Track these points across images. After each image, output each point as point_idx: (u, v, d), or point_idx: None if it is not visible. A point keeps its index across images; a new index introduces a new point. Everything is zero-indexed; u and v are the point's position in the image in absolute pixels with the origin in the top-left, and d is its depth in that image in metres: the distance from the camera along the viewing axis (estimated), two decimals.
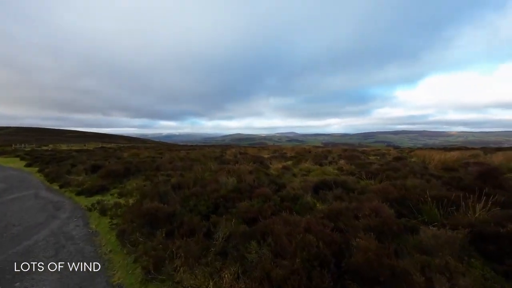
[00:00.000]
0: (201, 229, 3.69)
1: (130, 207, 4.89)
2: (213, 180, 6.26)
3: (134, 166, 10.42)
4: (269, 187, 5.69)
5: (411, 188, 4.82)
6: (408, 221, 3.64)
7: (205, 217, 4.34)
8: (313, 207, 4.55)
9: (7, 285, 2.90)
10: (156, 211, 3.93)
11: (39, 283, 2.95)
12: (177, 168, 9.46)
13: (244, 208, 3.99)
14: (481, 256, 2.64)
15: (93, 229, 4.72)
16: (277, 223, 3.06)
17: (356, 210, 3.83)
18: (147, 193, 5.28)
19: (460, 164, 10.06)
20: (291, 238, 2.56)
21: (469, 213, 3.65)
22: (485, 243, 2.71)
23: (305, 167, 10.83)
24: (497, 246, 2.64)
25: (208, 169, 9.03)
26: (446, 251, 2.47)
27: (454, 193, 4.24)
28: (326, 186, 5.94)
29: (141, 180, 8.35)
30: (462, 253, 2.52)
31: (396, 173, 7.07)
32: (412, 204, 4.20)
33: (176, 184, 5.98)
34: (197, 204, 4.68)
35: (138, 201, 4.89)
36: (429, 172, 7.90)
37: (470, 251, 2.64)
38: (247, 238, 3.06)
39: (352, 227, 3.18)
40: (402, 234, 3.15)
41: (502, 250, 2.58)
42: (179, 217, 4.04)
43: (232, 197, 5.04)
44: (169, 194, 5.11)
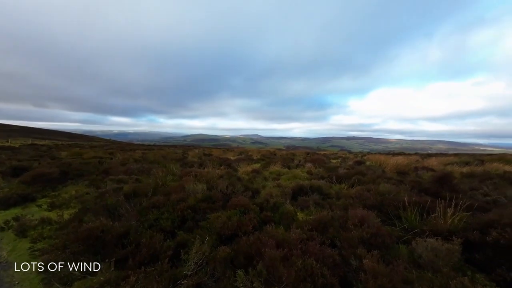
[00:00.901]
0: (165, 253, 2.90)
1: (64, 225, 3.69)
2: (178, 186, 5.37)
3: (75, 169, 8.55)
4: (244, 194, 5.13)
5: (386, 194, 4.90)
6: (393, 229, 3.55)
7: (170, 234, 3.53)
8: (294, 217, 4.17)
9: None
10: (101, 232, 2.96)
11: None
12: (131, 172, 8.07)
13: (220, 223, 3.34)
14: (470, 266, 2.61)
15: (4, 258, 3.40)
16: (265, 243, 2.53)
17: (343, 220, 3.60)
18: (89, 206, 4.11)
19: (410, 168, 11.27)
20: (288, 264, 2.07)
21: (441, 219, 3.77)
22: (472, 253, 2.69)
23: (275, 170, 10.61)
24: (483, 254, 2.64)
25: (171, 173, 7.95)
26: (446, 264, 2.33)
27: (426, 198, 4.41)
28: (303, 192, 5.70)
29: (83, 186, 6.79)
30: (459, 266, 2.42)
31: (364, 177, 7.33)
32: (390, 211, 4.20)
33: (130, 192, 4.90)
34: (159, 218, 3.81)
35: (76, 217, 3.74)
36: (388, 176, 8.50)
37: (462, 262, 2.58)
38: (228, 263, 2.44)
39: (345, 240, 2.87)
40: (393, 245, 2.99)
41: (488, 259, 2.59)
42: (134, 238, 3.14)
43: (203, 208, 4.31)
44: (121, 206, 4.07)
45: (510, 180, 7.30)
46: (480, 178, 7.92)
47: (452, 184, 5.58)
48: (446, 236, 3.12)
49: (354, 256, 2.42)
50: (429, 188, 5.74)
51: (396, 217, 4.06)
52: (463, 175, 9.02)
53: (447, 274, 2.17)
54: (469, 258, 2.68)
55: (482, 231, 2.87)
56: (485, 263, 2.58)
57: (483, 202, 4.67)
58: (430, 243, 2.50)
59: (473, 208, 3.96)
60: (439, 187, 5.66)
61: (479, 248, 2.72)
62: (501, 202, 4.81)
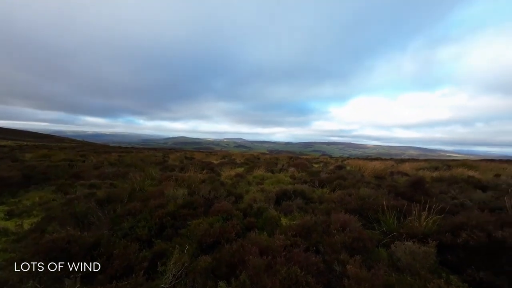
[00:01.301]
0: (140, 264, 2.68)
1: (23, 237, 3.29)
2: (157, 192, 5.10)
3: (40, 173, 7.79)
4: (227, 199, 5.00)
5: (366, 198, 5.05)
6: (373, 232, 3.65)
7: (147, 243, 3.30)
8: (278, 222, 4.13)
9: None
10: (67, 244, 2.67)
11: None
12: (106, 176, 7.54)
13: (201, 230, 3.18)
14: (444, 268, 2.74)
15: None
16: (248, 251, 2.44)
17: (325, 224, 3.62)
18: (55, 214, 3.72)
19: (386, 173, 11.86)
20: (272, 273, 2.00)
21: (417, 222, 3.95)
22: (445, 254, 2.83)
23: (259, 174, 10.58)
24: (455, 256, 2.78)
25: (149, 177, 7.56)
26: (423, 267, 2.41)
27: (402, 202, 4.61)
28: (286, 196, 5.70)
29: (49, 192, 6.19)
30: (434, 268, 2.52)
31: (345, 182, 7.54)
32: (370, 214, 4.33)
33: (104, 198, 4.54)
34: (135, 226, 3.56)
35: (38, 227, 3.35)
36: (366, 180, 8.84)
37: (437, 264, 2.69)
38: (209, 274, 2.31)
39: (328, 245, 2.87)
40: (373, 249, 3.05)
41: (460, 260, 2.73)
42: (106, 249, 2.88)
43: (183, 214, 4.11)
44: (92, 213, 3.74)
45: (474, 184, 7.95)
46: (448, 182, 8.54)
47: (425, 188, 5.93)
48: (421, 238, 3.26)
49: (337, 261, 2.42)
50: (405, 192, 6.04)
51: (375, 220, 4.19)
52: (433, 179, 9.67)
53: (424, 276, 2.25)
54: (443, 260, 2.81)
55: (453, 233, 3.04)
56: (457, 264, 2.72)
57: (452, 205, 5.00)
58: (408, 247, 2.59)
59: (444, 211, 4.21)
60: (413, 191, 5.98)
61: (451, 249, 2.87)
62: (467, 205, 5.18)
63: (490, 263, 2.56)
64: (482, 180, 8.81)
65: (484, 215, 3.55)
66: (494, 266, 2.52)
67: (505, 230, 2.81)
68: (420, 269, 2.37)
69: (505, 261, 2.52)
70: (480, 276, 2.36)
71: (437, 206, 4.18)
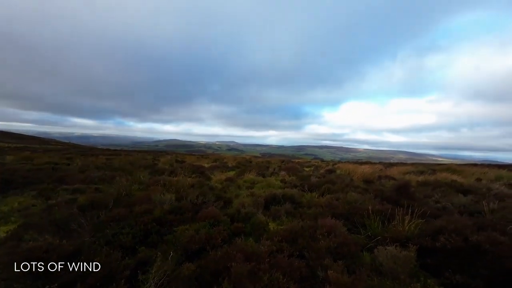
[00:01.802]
0: (122, 273, 2.62)
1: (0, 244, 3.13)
2: (143, 197, 5.00)
3: (21, 177, 7.47)
4: (215, 204, 4.96)
5: (353, 202, 5.14)
6: (359, 237, 3.71)
7: (131, 251, 3.22)
8: (266, 227, 4.13)
9: None
10: (45, 253, 2.57)
11: None
12: (91, 180, 7.32)
13: (186, 236, 3.14)
14: (424, 271, 2.82)
15: None
16: (233, 257, 2.43)
17: (312, 229, 3.65)
18: (33, 221, 3.57)
19: (374, 177, 12.12)
20: (255, 280, 2.00)
21: (400, 226, 4.06)
22: (424, 258, 2.92)
23: (250, 178, 10.56)
24: (434, 259, 2.87)
25: (137, 181, 7.40)
26: (403, 271, 2.47)
27: (387, 206, 4.72)
28: (275, 201, 5.72)
29: (30, 197, 5.94)
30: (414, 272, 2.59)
31: (334, 186, 7.65)
32: (356, 219, 4.41)
33: (87, 204, 4.41)
34: (118, 232, 3.46)
35: (15, 235, 3.20)
36: (355, 185, 9.01)
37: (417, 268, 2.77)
38: (193, 282, 2.28)
39: (313, 251, 2.90)
40: (358, 253, 3.10)
41: (438, 264, 2.83)
42: (87, 257, 2.79)
43: (170, 220, 4.05)
44: (74, 220, 3.62)
45: (456, 188, 8.25)
46: (433, 186, 8.82)
47: (410, 192, 6.11)
48: (404, 242, 3.35)
49: (321, 267, 2.45)
50: (391, 196, 6.19)
51: (361, 225, 4.26)
52: (419, 184, 9.96)
53: (404, 280, 2.31)
54: (423, 264, 2.90)
55: (433, 237, 3.15)
56: (436, 267, 2.81)
57: (434, 209, 5.17)
58: (390, 251, 2.65)
59: (426, 215, 4.34)
60: (399, 195, 6.15)
61: (431, 253, 2.96)
62: (449, 208, 5.37)
63: (466, 266, 2.66)
64: (464, 184, 9.15)
65: (463, 219, 3.70)
66: (470, 269, 2.62)
67: (481, 234, 2.93)
68: (400, 273, 2.44)
69: (481, 265, 2.63)
70: (457, 279, 2.45)
71: (419, 210, 4.31)
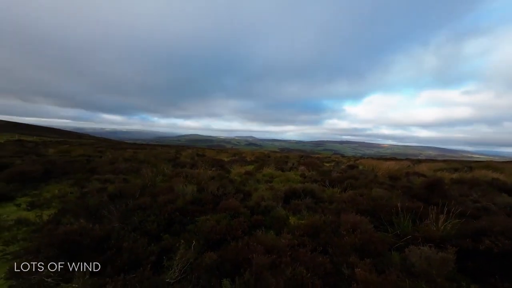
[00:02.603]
0: (148, 258, 2.73)
1: (41, 228, 3.46)
2: (167, 188, 5.18)
3: (60, 167, 8.20)
4: (235, 196, 4.99)
5: (379, 199, 4.85)
6: (386, 235, 3.49)
7: (155, 238, 3.35)
8: (286, 221, 4.06)
9: None
10: (79, 236, 2.76)
11: None
12: (120, 171, 7.80)
13: (208, 227, 3.19)
14: (464, 276, 2.55)
15: None
16: (254, 249, 2.40)
17: (335, 225, 3.51)
18: (70, 207, 3.88)
19: (401, 174, 11.37)
20: (277, 273, 1.95)
21: (434, 225, 3.73)
22: (465, 261, 2.64)
23: (268, 172, 10.52)
24: (476, 263, 2.59)
25: (161, 173, 7.72)
26: (440, 274, 2.25)
27: (417, 204, 4.38)
28: (295, 195, 5.61)
29: (67, 185, 6.49)
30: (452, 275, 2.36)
31: (357, 181, 7.31)
32: (383, 216, 4.14)
33: (116, 192, 4.68)
34: (144, 220, 3.63)
35: (55, 219, 3.51)
36: (380, 181, 8.52)
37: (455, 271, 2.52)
38: (214, 271, 2.30)
39: (337, 247, 2.77)
40: (385, 252, 2.91)
41: (481, 268, 2.54)
42: (116, 242, 2.96)
43: (191, 210, 4.14)
44: (104, 207, 3.86)
45: (498, 187, 7.42)
46: (469, 185, 8.03)
47: (443, 190, 5.61)
48: (438, 243, 3.07)
49: (346, 264, 2.32)
50: (421, 193, 5.74)
51: (388, 223, 4.00)
52: (453, 181, 9.14)
53: (441, 284, 2.10)
54: (462, 267, 2.62)
55: (475, 239, 2.83)
56: (478, 272, 2.53)
57: (473, 209, 4.68)
58: (424, 252, 2.43)
59: (464, 215, 3.95)
60: (430, 193, 5.68)
61: (472, 256, 2.67)
62: (491, 209, 4.83)
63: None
64: (508, 183, 8.20)
65: (511, 220, 3.28)
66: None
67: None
68: (436, 276, 2.22)
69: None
70: (505, 287, 2.17)
71: (456, 209, 3.93)
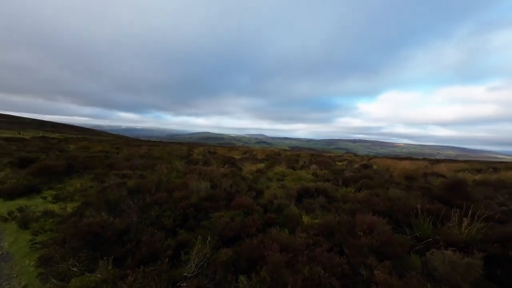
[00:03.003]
0: (165, 252, 2.81)
1: (66, 219, 3.66)
2: (181, 184, 5.30)
3: (81, 162, 8.62)
4: (248, 194, 5.02)
5: (396, 200, 4.69)
6: (404, 237, 3.37)
7: (171, 232, 3.44)
8: (299, 220, 4.03)
9: None
10: (101, 228, 2.89)
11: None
12: (136, 167, 8.07)
13: (222, 223, 3.23)
14: (491, 283, 2.41)
15: (5, 250, 3.39)
16: (269, 246, 2.40)
17: (350, 225, 3.43)
18: (91, 200, 4.07)
19: (418, 174, 10.92)
20: (294, 271, 1.94)
21: (457, 229, 3.55)
22: (492, 267, 2.50)
23: (280, 170, 10.47)
24: (505, 271, 2.44)
25: (175, 169, 7.90)
26: (465, 280, 2.15)
27: (438, 206, 4.19)
28: (308, 194, 5.55)
29: (88, 180, 6.81)
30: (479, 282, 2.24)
31: (372, 181, 7.10)
32: (401, 218, 4.01)
33: (134, 187, 4.85)
34: (161, 215, 3.73)
35: (78, 212, 3.69)
36: (396, 181, 8.23)
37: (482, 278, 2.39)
38: (230, 267, 2.33)
39: (353, 247, 2.71)
40: (404, 254, 2.81)
41: (511, 276, 2.39)
42: (135, 235, 3.07)
43: (205, 207, 4.21)
44: (123, 201, 4.02)
45: None
46: (495, 187, 7.58)
47: (466, 192, 5.32)
48: (462, 248, 2.93)
49: (364, 265, 2.27)
50: (441, 195, 5.49)
51: (407, 224, 3.86)
52: (476, 183, 8.66)
53: None
54: (490, 274, 2.48)
55: (504, 245, 2.67)
56: (508, 280, 2.38)
57: (500, 212, 4.42)
58: (448, 256, 2.32)
59: (490, 218, 3.73)
60: (452, 195, 5.41)
61: (500, 263, 2.52)
62: None
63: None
64: None
65: None
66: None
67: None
68: (461, 281, 2.12)
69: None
70: None
71: (481, 212, 3.72)
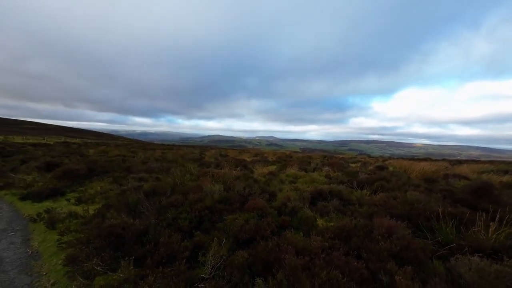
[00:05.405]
0: (182, 253, 2.88)
1: (89, 220, 3.85)
2: (195, 186, 5.41)
3: (100, 166, 9.02)
4: (261, 196, 5.03)
5: (415, 203, 4.51)
6: (425, 242, 3.23)
7: (187, 234, 3.52)
8: (314, 223, 3.98)
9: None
10: (122, 229, 3.02)
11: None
12: (152, 170, 8.33)
13: (237, 225, 3.26)
14: None
15: (35, 248, 3.61)
16: (284, 249, 2.39)
17: (367, 229, 3.35)
18: (112, 202, 4.25)
19: (439, 176, 10.42)
20: (311, 275, 1.92)
21: (483, 234, 3.36)
22: None
23: (292, 173, 10.40)
24: None
25: (188, 172, 8.08)
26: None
27: (462, 209, 3.98)
28: (322, 197, 5.46)
29: (107, 183, 7.11)
30: None
31: (388, 184, 6.87)
32: (421, 222, 3.85)
33: (150, 190, 5.01)
34: (177, 217, 3.83)
35: (100, 213, 3.88)
36: (414, 183, 7.90)
37: None
38: (246, 269, 2.35)
39: (372, 252, 2.65)
40: (426, 260, 2.70)
41: None
42: (153, 236, 3.17)
43: (220, 209, 4.27)
44: (141, 203, 4.17)
45: None
46: None
47: (493, 195, 5.01)
48: (490, 254, 2.77)
49: (383, 270, 2.20)
50: (465, 198, 5.20)
51: (428, 229, 3.70)
52: (503, 185, 8.13)
53: None
54: None
55: None
56: None
57: None
58: (474, 262, 2.21)
59: None
60: (477, 198, 5.11)
61: None
62: None
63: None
64: None
65: None
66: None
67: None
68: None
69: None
70: None
71: (510, 217, 3.50)
